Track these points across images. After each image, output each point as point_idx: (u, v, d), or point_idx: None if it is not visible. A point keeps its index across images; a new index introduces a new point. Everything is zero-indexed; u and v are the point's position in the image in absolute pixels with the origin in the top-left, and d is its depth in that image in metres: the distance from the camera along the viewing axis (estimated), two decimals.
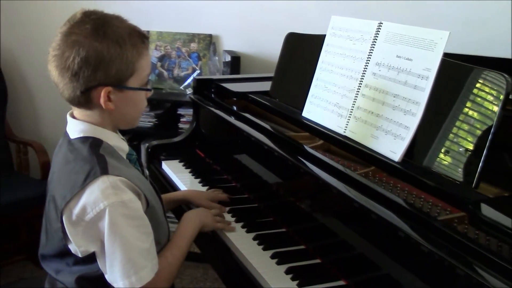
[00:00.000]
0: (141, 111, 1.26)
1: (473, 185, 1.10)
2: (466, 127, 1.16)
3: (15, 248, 2.61)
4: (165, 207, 1.39)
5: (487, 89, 1.15)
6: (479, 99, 1.15)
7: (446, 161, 1.19)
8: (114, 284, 1.13)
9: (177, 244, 1.31)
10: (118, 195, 1.09)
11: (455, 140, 1.18)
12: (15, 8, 3.04)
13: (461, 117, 1.18)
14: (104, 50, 1.09)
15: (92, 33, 1.09)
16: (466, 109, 1.17)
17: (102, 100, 1.13)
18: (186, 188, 1.74)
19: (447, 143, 1.19)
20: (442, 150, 1.20)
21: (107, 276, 1.14)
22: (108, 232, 1.09)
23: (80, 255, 1.14)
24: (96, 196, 1.08)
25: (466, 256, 0.94)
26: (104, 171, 1.10)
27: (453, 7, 2.38)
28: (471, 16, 2.31)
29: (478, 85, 1.17)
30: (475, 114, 1.15)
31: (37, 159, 2.77)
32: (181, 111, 2.79)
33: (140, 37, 1.16)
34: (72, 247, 1.14)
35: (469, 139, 1.15)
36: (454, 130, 1.19)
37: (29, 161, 2.94)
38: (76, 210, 1.10)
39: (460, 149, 1.15)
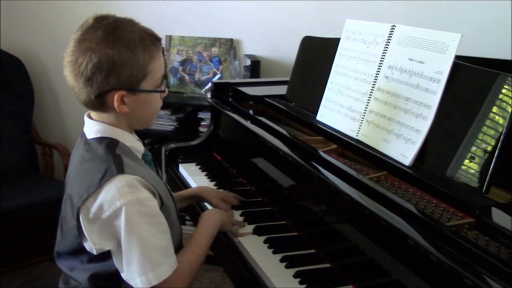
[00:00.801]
0: (156, 112, 1.28)
1: (483, 190, 1.07)
2: (477, 131, 1.13)
3: (40, 248, 2.68)
4: (177, 205, 1.40)
5: (498, 93, 1.12)
6: (489, 102, 1.13)
7: (456, 166, 1.16)
8: (131, 282, 1.14)
9: (197, 242, 1.31)
10: (134, 194, 1.11)
11: (466, 144, 1.16)
12: (43, 13, 3.13)
13: (473, 121, 1.16)
14: (115, 56, 1.10)
15: (103, 39, 1.10)
16: (478, 113, 1.15)
17: (116, 104, 1.15)
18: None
19: (458, 147, 1.17)
20: (453, 155, 1.17)
21: (123, 275, 1.15)
22: (125, 230, 1.11)
23: (95, 253, 1.16)
24: (112, 195, 1.10)
25: (475, 265, 0.92)
26: (120, 170, 1.12)
27: (467, 9, 2.36)
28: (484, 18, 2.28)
29: (489, 88, 1.14)
30: (486, 118, 1.13)
31: (62, 161, 2.84)
32: (201, 115, 2.82)
33: (151, 40, 1.17)
34: (88, 245, 1.16)
35: (480, 144, 1.12)
36: (465, 134, 1.16)
37: (54, 163, 3.01)
38: (93, 208, 1.12)
39: (471, 154, 1.13)
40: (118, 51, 1.10)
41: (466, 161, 1.14)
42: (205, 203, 1.63)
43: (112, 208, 1.10)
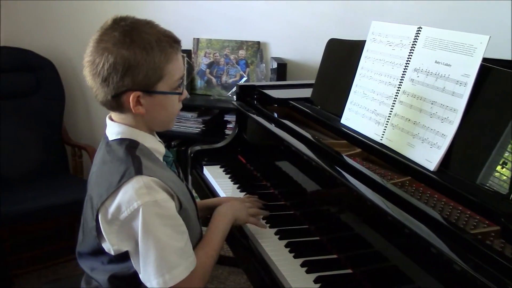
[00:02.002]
0: (174, 114, 1.28)
1: (511, 197, 1.04)
2: (508, 137, 1.09)
3: (68, 248, 2.71)
4: (201, 213, 1.40)
5: None
6: None
7: (485, 172, 1.13)
8: (147, 284, 1.15)
9: (209, 242, 1.31)
10: (151, 195, 1.12)
11: (497, 149, 1.12)
12: (73, 15, 3.19)
13: (504, 126, 1.12)
14: (130, 57, 1.11)
15: (119, 40, 1.12)
16: (508, 118, 1.11)
17: (131, 105, 1.16)
18: (223, 194, 1.75)
19: (486, 153, 1.13)
20: (480, 160, 1.14)
21: (141, 276, 1.16)
22: (142, 231, 1.11)
23: (112, 254, 1.17)
24: (130, 196, 1.11)
25: (500, 276, 0.88)
26: (139, 171, 1.13)
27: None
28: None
29: None
30: None
31: (90, 162, 2.88)
32: (227, 117, 2.82)
33: (169, 42, 1.17)
34: (106, 246, 1.17)
35: (507, 148, 1.08)
36: (495, 139, 1.13)
37: (83, 164, 3.06)
38: (112, 209, 1.13)
39: (503, 159, 1.09)
40: (134, 52, 1.11)
41: (499, 167, 1.10)
42: None
43: (130, 209, 1.11)
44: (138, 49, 1.12)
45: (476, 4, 2.40)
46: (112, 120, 1.25)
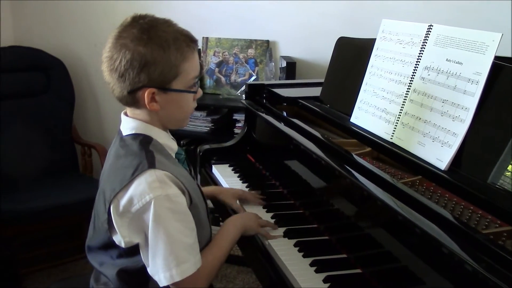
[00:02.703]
0: (188, 113, 1.29)
1: None
2: None
3: (78, 246, 2.73)
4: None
5: None
6: None
7: (497, 171, 1.11)
8: (155, 277, 1.16)
9: (218, 245, 1.31)
10: (163, 189, 1.13)
11: (508, 148, 1.10)
12: (84, 15, 3.20)
13: (511, 124, 1.11)
14: (147, 54, 1.13)
15: (137, 37, 1.14)
16: None
17: (146, 101, 1.17)
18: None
19: (499, 152, 1.12)
20: (492, 159, 1.12)
21: (149, 269, 1.17)
22: (152, 224, 1.12)
23: (123, 246, 1.18)
24: (142, 189, 1.12)
25: (510, 275, 0.87)
26: (152, 165, 1.15)
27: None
28: None
29: None
30: None
31: (100, 161, 2.90)
32: (237, 116, 2.82)
33: (186, 41, 1.18)
34: (117, 238, 1.18)
35: None
36: (507, 138, 1.11)
37: (92, 163, 3.07)
38: (124, 201, 1.14)
39: (509, 158, 1.08)
40: (151, 49, 1.13)
41: (510, 167, 1.09)
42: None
43: (142, 202, 1.12)
44: (155, 46, 1.13)
45: (486, 4, 2.37)
46: (127, 115, 1.26)
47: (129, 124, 1.24)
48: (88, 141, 3.14)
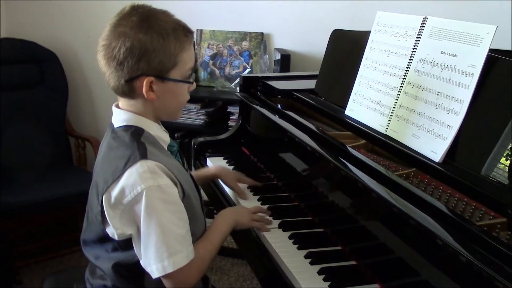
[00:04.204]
0: (182, 104, 1.29)
1: None
2: (509, 127, 1.08)
3: (73, 239, 2.73)
4: (197, 182, 1.41)
5: None
6: None
7: (490, 163, 1.12)
8: (147, 268, 1.16)
9: (210, 239, 1.31)
10: (155, 179, 1.13)
11: (501, 140, 1.11)
12: (78, 7, 3.18)
13: (509, 117, 1.11)
14: (147, 42, 1.13)
15: (137, 25, 1.14)
16: (510, 108, 1.10)
17: (144, 90, 1.17)
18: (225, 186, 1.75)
19: (492, 144, 1.12)
20: (486, 151, 1.13)
21: (142, 261, 1.17)
22: (144, 215, 1.12)
23: (117, 238, 1.18)
24: (134, 179, 1.12)
25: (506, 267, 0.88)
26: (143, 156, 1.14)
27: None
28: None
29: None
30: None
31: (94, 154, 2.89)
32: (231, 109, 2.81)
33: (184, 31, 1.19)
34: (110, 230, 1.18)
35: None
36: (501, 130, 1.12)
37: (86, 156, 3.06)
38: (115, 192, 1.14)
39: (507, 151, 1.08)
40: (151, 37, 1.13)
41: (503, 159, 1.09)
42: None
43: (133, 193, 1.12)
44: (155, 34, 1.14)
45: None
46: (118, 108, 1.26)
47: (120, 116, 1.24)
48: (82, 133, 3.13)
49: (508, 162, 1.08)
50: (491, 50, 1.17)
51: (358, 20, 2.48)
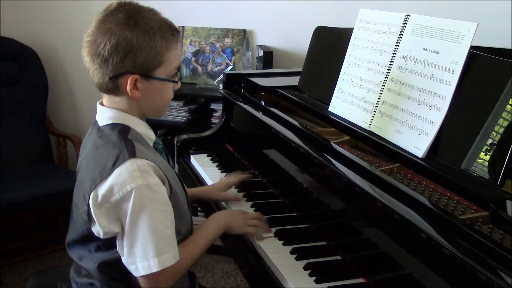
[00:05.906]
0: (167, 103, 1.28)
1: (498, 183, 1.05)
2: (493, 123, 1.10)
3: (55, 238, 2.70)
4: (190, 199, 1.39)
5: None
6: (506, 94, 1.10)
7: (471, 158, 1.14)
8: (130, 267, 1.14)
9: (196, 241, 1.30)
10: (144, 178, 1.12)
11: (480, 136, 1.13)
12: (58, 4, 3.14)
13: (488, 112, 1.13)
14: (133, 39, 1.12)
15: (124, 22, 1.13)
16: (494, 105, 1.12)
17: (128, 87, 1.16)
18: (211, 182, 1.75)
19: (473, 139, 1.14)
20: (468, 147, 1.15)
21: (124, 259, 1.15)
22: (132, 214, 1.11)
23: (102, 237, 1.16)
24: (123, 178, 1.11)
25: (489, 259, 0.90)
26: (132, 154, 1.13)
27: None
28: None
29: (506, 79, 1.11)
30: (503, 110, 1.10)
31: (75, 152, 2.86)
32: (214, 106, 2.81)
33: (170, 30, 1.19)
34: (96, 229, 1.17)
35: (496, 136, 1.10)
36: (481, 126, 1.13)
37: (67, 154, 3.03)
38: (103, 191, 1.12)
39: (486, 146, 1.11)
40: (137, 35, 1.13)
41: (482, 154, 1.11)
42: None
43: (122, 191, 1.11)
44: (141, 32, 1.13)
45: None
46: (103, 105, 1.24)
47: (106, 113, 1.22)
48: (62, 131, 3.09)
49: (488, 157, 1.10)
50: (472, 47, 1.19)
51: (341, 17, 2.49)
